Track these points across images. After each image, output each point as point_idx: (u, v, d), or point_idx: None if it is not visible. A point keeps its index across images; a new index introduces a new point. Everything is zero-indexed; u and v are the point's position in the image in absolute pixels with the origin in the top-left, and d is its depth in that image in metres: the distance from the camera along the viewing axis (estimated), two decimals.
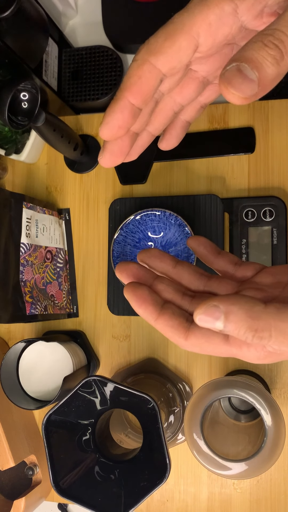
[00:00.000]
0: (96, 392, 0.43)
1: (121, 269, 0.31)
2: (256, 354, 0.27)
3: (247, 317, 0.25)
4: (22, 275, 0.55)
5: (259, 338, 0.25)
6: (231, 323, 0.25)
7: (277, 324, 0.25)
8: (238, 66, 0.24)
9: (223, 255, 0.34)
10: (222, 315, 0.25)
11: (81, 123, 0.66)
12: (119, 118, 0.29)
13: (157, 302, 0.29)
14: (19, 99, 0.48)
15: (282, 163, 0.59)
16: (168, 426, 0.56)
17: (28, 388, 0.57)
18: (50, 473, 0.42)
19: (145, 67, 0.28)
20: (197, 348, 0.29)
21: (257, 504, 0.57)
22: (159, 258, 0.32)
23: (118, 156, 0.32)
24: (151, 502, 0.60)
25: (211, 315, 0.25)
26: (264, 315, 0.25)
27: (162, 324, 0.29)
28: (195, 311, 0.26)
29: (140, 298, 0.29)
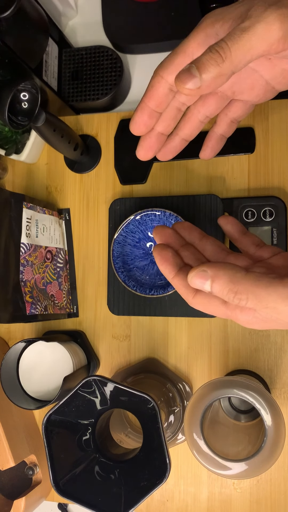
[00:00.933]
0: (96, 392, 0.43)
1: (158, 232, 0.39)
2: (247, 318, 0.32)
3: (229, 282, 0.30)
4: (22, 275, 0.55)
5: (238, 300, 0.30)
6: (216, 285, 0.31)
7: (253, 289, 0.30)
8: (188, 67, 0.31)
9: (248, 235, 0.40)
10: (209, 279, 0.31)
11: (81, 123, 0.66)
12: (139, 116, 0.39)
13: (176, 263, 0.36)
14: (19, 99, 0.48)
15: (282, 163, 0.59)
16: (168, 426, 0.56)
17: (28, 388, 0.57)
18: (50, 473, 0.42)
19: (156, 79, 0.37)
20: (201, 306, 0.34)
21: (257, 504, 0.57)
22: (188, 230, 0.40)
23: (147, 150, 0.42)
24: (151, 502, 0.60)
25: (200, 277, 0.31)
26: (243, 280, 0.30)
27: (176, 281, 0.35)
28: (188, 273, 0.32)
29: (163, 257, 0.36)
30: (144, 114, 0.39)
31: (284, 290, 0.29)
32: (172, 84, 0.37)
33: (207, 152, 0.46)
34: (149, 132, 0.41)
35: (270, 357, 0.57)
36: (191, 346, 0.60)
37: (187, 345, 0.60)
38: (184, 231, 0.40)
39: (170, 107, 0.40)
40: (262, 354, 0.58)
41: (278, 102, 0.60)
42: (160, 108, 0.39)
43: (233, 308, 0.32)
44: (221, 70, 0.31)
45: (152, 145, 0.42)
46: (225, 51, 0.30)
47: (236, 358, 0.58)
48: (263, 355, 0.58)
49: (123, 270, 0.59)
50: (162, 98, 0.38)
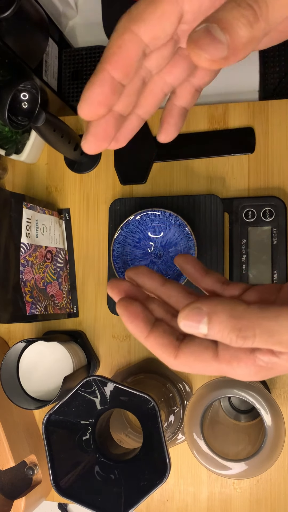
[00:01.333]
0: (96, 392, 0.43)
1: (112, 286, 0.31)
2: (247, 370, 0.26)
3: (230, 317, 0.25)
4: (22, 275, 0.55)
5: (243, 339, 0.25)
6: (215, 324, 0.25)
7: (260, 322, 0.24)
8: (207, 27, 0.22)
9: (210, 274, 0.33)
10: (205, 317, 0.25)
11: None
12: (98, 92, 0.26)
13: (148, 319, 0.29)
14: (19, 99, 0.48)
15: (282, 163, 0.59)
16: (168, 426, 0.56)
17: (28, 388, 0.57)
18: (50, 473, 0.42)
19: (126, 36, 0.25)
20: (186, 367, 0.28)
21: (257, 504, 0.57)
22: (148, 275, 0.32)
23: (102, 140, 0.29)
24: (151, 502, 0.60)
25: (194, 317, 0.25)
26: (247, 314, 0.25)
27: (152, 341, 0.28)
28: (178, 315, 0.26)
29: (132, 314, 0.29)
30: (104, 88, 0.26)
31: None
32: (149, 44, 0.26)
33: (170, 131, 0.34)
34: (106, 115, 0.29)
35: None
36: None
37: None
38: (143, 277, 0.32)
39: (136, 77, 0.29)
40: None
41: (278, 102, 0.60)
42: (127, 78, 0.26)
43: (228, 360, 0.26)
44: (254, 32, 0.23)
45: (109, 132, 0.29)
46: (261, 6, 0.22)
47: None
48: None
49: (123, 270, 0.59)
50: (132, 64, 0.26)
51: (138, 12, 0.25)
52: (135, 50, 0.26)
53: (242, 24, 0.22)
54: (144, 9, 0.25)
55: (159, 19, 0.25)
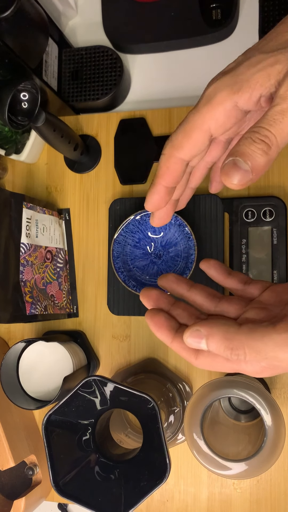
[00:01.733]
0: (96, 392, 0.43)
1: (144, 295, 0.36)
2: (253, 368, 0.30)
3: (223, 339, 0.30)
4: (22, 275, 0.55)
5: (236, 355, 0.29)
6: (212, 343, 0.30)
7: (248, 343, 0.29)
8: (233, 160, 0.30)
9: (233, 275, 0.38)
10: (203, 338, 0.30)
11: (81, 123, 0.66)
12: (157, 198, 0.37)
13: (172, 327, 0.34)
14: (19, 99, 0.48)
15: (282, 163, 0.59)
16: (168, 426, 0.56)
17: (28, 388, 0.57)
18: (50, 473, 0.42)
19: (172, 160, 0.35)
20: (206, 365, 0.33)
21: (257, 504, 0.57)
22: (176, 282, 0.37)
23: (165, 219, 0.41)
24: (151, 502, 0.60)
25: (196, 337, 0.31)
26: (237, 335, 0.29)
27: (176, 346, 0.33)
28: (184, 334, 0.31)
29: (157, 324, 0.34)
30: (160, 194, 0.37)
31: (279, 337, 0.28)
32: (189, 160, 0.36)
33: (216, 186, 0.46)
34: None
35: None
36: None
37: None
38: (172, 284, 0.37)
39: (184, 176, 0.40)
40: None
41: None
42: (176, 183, 0.37)
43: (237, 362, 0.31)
44: (270, 157, 0.30)
45: (169, 213, 0.41)
46: (271, 139, 0.30)
47: None
48: None
49: (123, 270, 0.59)
50: (179, 176, 0.36)
51: (177, 142, 0.35)
52: (180, 168, 0.36)
53: (259, 154, 0.30)
54: (182, 139, 0.34)
55: (194, 146, 0.34)
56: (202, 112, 0.33)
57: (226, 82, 0.33)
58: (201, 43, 0.65)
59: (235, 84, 0.32)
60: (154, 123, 0.64)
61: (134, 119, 0.64)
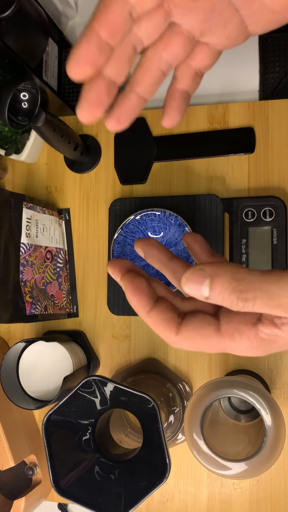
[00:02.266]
0: (96, 392, 0.43)
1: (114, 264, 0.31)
2: (249, 343, 0.27)
3: (232, 279, 0.25)
4: (22, 275, 0.55)
5: (243, 301, 0.25)
6: (217, 286, 0.25)
7: (261, 286, 0.25)
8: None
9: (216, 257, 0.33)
10: (207, 278, 0.25)
11: (81, 123, 0.66)
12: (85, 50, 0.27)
13: (151, 295, 0.29)
14: (19, 99, 0.48)
15: (282, 163, 0.59)
16: (168, 426, 0.56)
17: (28, 388, 0.57)
18: (50, 473, 0.42)
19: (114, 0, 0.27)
20: (188, 343, 0.28)
21: (257, 504, 0.57)
22: (157, 248, 0.32)
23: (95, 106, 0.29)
24: (151, 502, 0.60)
25: (197, 278, 0.26)
26: (248, 277, 0.25)
27: (154, 317, 0.29)
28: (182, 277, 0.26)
29: (137, 288, 0.29)
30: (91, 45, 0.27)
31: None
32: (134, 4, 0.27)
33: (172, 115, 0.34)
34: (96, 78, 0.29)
35: (270, 357, 0.57)
36: None
37: None
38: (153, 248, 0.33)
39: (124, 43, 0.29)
40: None
41: (278, 102, 0.60)
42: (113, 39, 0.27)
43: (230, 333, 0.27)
44: None
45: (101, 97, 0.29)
46: None
47: (236, 358, 0.58)
48: None
49: None
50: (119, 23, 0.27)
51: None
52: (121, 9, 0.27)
53: None
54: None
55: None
56: None
57: None
58: None
59: None
60: (154, 123, 0.64)
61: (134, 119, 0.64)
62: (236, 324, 0.27)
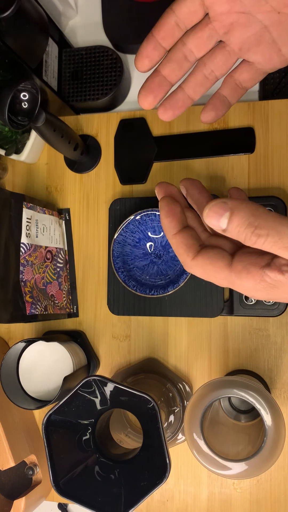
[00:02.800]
0: (96, 392, 0.43)
1: (161, 188, 0.36)
2: (253, 283, 0.29)
3: (250, 215, 0.28)
4: (22, 275, 0.55)
5: (256, 236, 0.28)
6: (235, 218, 0.28)
7: (275, 225, 0.28)
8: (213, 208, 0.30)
9: None
10: (228, 210, 0.29)
11: (81, 123, 0.66)
12: (144, 47, 0.37)
13: (182, 221, 0.33)
14: (19, 99, 0.48)
15: (282, 163, 0.59)
16: (168, 426, 0.56)
17: (28, 388, 0.57)
18: (50, 473, 0.42)
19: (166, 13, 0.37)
20: (200, 269, 0.32)
21: (257, 504, 0.57)
22: (199, 189, 0.36)
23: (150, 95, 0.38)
24: (151, 502, 0.60)
25: (219, 209, 0.29)
26: (265, 215, 0.28)
27: (178, 239, 0.33)
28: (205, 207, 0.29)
29: (171, 210, 0.33)
30: (149, 45, 0.37)
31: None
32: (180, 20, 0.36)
33: (209, 112, 0.41)
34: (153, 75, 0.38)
35: (270, 357, 0.57)
36: (191, 346, 0.60)
37: (187, 345, 0.60)
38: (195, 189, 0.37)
39: (177, 49, 0.38)
40: (262, 354, 0.58)
41: (278, 102, 0.60)
42: (165, 41, 0.37)
43: (239, 270, 0.30)
44: None
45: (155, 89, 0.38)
46: None
47: (236, 358, 0.58)
48: (263, 355, 0.58)
49: (123, 270, 0.59)
50: (169, 29, 0.36)
51: None
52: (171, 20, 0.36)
53: None
54: None
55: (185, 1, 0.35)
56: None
57: None
58: None
59: None
60: (154, 123, 0.64)
61: (134, 119, 0.64)
62: (246, 263, 0.30)
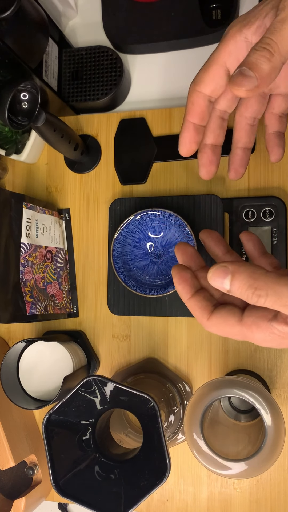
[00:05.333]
0: (96, 392, 0.43)
1: (180, 249, 0.39)
2: (263, 335, 0.32)
3: (249, 277, 0.30)
4: (22, 275, 0.55)
5: (257, 296, 0.30)
6: (236, 281, 0.31)
7: (273, 286, 0.30)
8: (240, 70, 0.32)
9: (266, 257, 0.40)
10: (229, 274, 0.31)
11: (81, 123, 0.66)
12: (186, 136, 0.40)
13: (194, 285, 0.36)
14: (19, 99, 0.48)
15: (282, 163, 0.59)
16: (168, 426, 0.56)
17: (28, 388, 0.57)
18: (50, 472, 0.42)
19: (194, 95, 0.38)
20: (215, 328, 0.34)
21: (257, 504, 0.57)
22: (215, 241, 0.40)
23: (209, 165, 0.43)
24: (151, 502, 0.60)
25: (221, 273, 0.31)
26: (263, 277, 0.30)
27: (192, 303, 0.35)
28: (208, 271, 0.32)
29: (182, 277, 0.36)
30: (190, 131, 0.40)
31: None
32: (210, 95, 0.38)
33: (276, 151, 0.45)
34: (202, 149, 0.42)
35: (270, 357, 0.57)
36: (191, 346, 0.60)
37: (187, 345, 0.60)
38: (211, 241, 0.40)
39: (213, 118, 0.41)
40: (262, 354, 0.58)
41: None
42: (203, 121, 0.39)
43: (249, 325, 0.32)
44: (273, 64, 0.32)
45: (210, 158, 0.43)
46: (272, 46, 0.31)
47: (236, 358, 0.58)
48: (263, 355, 0.58)
49: (123, 270, 0.59)
50: (204, 111, 0.39)
51: (198, 77, 0.38)
52: (203, 102, 0.38)
53: (263, 61, 0.31)
54: (201, 75, 0.38)
55: (212, 79, 0.38)
56: (218, 48, 0.37)
57: (238, 20, 0.37)
58: (201, 43, 0.65)
59: (244, 20, 0.36)
60: (154, 123, 0.64)
61: (134, 119, 0.64)
62: (255, 318, 0.32)
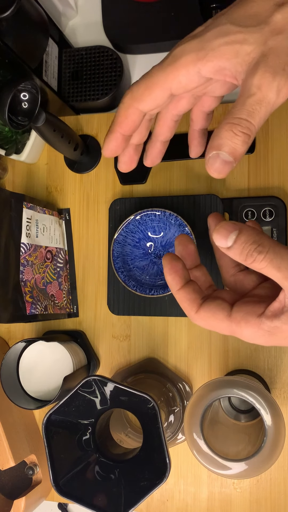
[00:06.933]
0: (96, 391, 0.43)
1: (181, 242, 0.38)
2: (252, 331, 0.32)
3: (255, 234, 0.31)
4: (22, 275, 0.55)
5: (258, 251, 0.31)
6: (243, 236, 0.31)
7: (275, 246, 0.31)
8: (217, 154, 0.31)
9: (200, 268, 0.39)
10: (237, 230, 0.32)
11: (81, 123, 0.66)
12: (114, 144, 0.38)
13: (184, 277, 0.35)
14: (19, 99, 0.48)
15: (282, 163, 0.59)
16: (168, 426, 0.56)
17: (28, 388, 0.57)
18: (50, 472, 0.42)
19: (130, 110, 0.36)
20: (203, 321, 0.34)
21: (257, 504, 0.57)
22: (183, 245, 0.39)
23: (130, 163, 0.42)
24: (151, 502, 0.60)
25: (229, 227, 0.32)
26: (268, 238, 0.32)
27: (181, 295, 0.35)
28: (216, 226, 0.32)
29: (173, 267, 0.35)
30: (117, 140, 0.38)
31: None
32: (147, 112, 0.37)
33: (195, 150, 0.45)
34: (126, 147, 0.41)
35: (270, 357, 0.57)
36: (191, 346, 0.60)
37: (187, 345, 0.60)
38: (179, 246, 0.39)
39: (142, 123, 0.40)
40: (262, 354, 0.58)
41: None
42: (133, 131, 0.38)
43: (238, 320, 0.32)
44: (249, 144, 0.32)
45: (132, 157, 0.41)
46: (251, 130, 0.31)
47: (236, 358, 0.58)
48: (263, 355, 0.58)
49: (123, 270, 0.59)
50: (136, 125, 0.37)
51: (138, 93, 0.35)
52: (138, 118, 0.37)
53: (241, 145, 0.31)
54: (143, 92, 0.35)
55: (153, 100, 0.35)
56: (166, 71, 0.34)
57: (193, 46, 0.33)
58: None
59: (200, 50, 0.32)
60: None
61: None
62: (244, 313, 0.32)
